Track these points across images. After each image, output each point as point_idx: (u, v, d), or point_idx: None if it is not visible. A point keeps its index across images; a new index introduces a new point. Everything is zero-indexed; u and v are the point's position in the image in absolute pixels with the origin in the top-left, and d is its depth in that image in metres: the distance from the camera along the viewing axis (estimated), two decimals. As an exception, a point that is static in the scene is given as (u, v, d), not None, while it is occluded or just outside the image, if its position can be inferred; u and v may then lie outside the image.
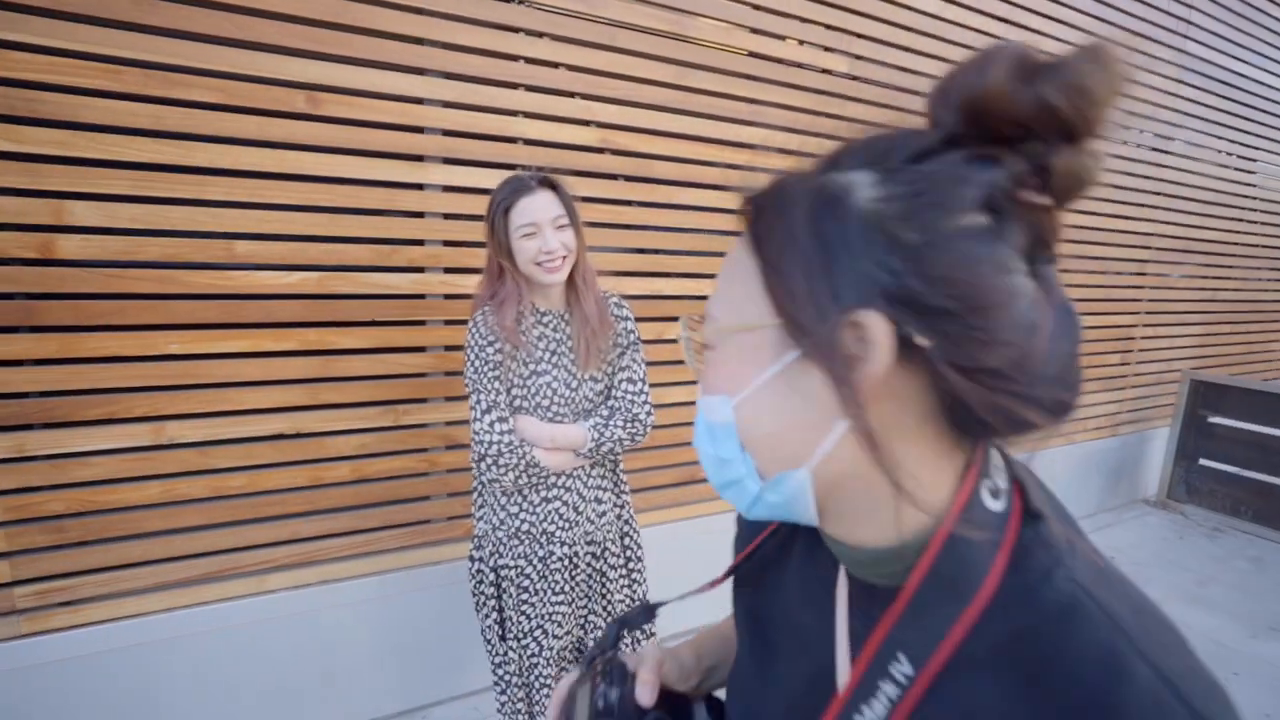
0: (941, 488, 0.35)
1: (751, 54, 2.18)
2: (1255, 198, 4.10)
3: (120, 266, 1.47)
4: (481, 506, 1.35)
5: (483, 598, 1.35)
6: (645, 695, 0.48)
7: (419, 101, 1.70)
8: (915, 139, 0.32)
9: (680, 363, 2.21)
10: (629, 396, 1.35)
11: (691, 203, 2.16)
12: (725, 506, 0.58)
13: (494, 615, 1.34)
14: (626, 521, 1.45)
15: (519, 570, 1.32)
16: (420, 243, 1.76)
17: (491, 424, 1.24)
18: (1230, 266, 4.10)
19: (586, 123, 1.93)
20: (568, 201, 1.26)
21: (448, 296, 1.82)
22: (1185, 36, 3.39)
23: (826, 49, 2.32)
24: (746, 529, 0.54)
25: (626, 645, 0.53)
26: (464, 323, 1.82)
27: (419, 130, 1.71)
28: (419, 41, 1.66)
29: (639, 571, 1.45)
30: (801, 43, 2.26)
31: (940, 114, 0.32)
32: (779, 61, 2.23)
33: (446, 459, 1.87)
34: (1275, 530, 3.44)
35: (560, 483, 1.32)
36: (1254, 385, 3.53)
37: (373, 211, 1.69)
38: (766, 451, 0.36)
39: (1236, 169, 3.92)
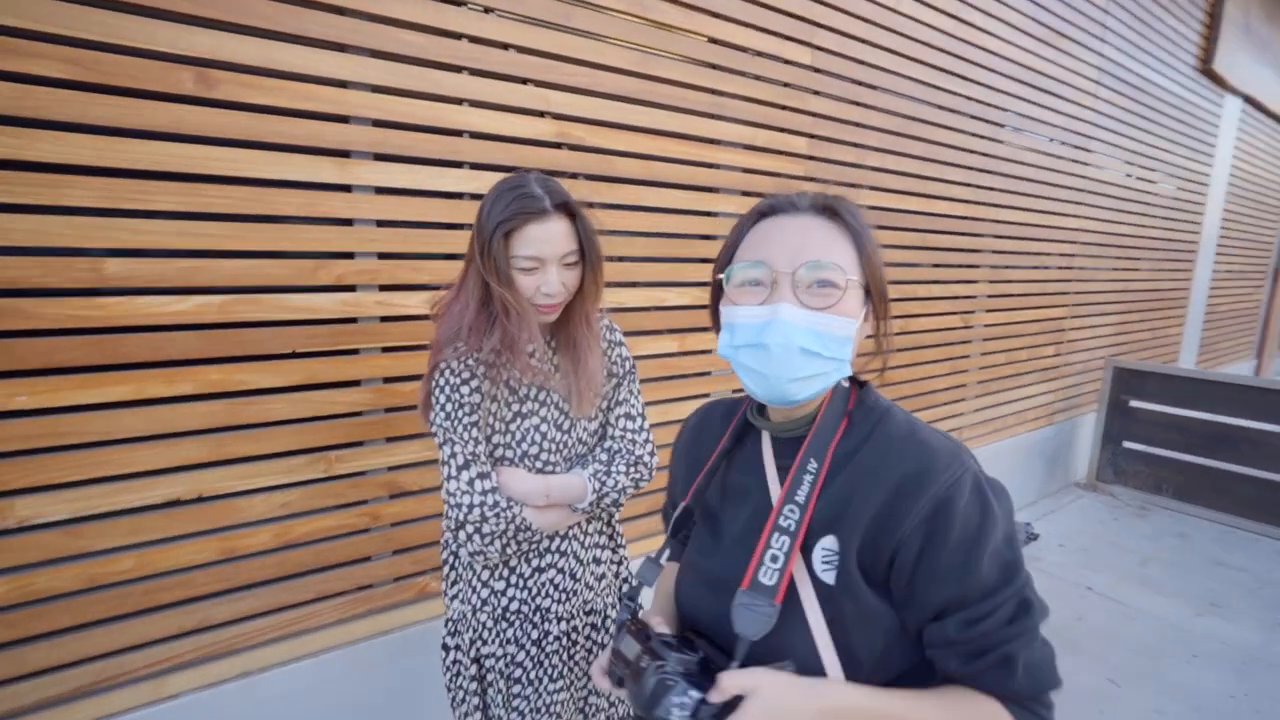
0: None
1: (712, 40, 2.01)
2: (1158, 194, 4.39)
3: (-64, 297, 1.10)
4: (455, 583, 1.10)
5: (461, 694, 1.10)
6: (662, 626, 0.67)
7: (342, 84, 1.40)
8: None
9: (658, 379, 2.01)
10: (629, 435, 1.13)
11: (656, 204, 1.96)
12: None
13: (477, 715, 1.09)
14: (626, 580, 1.23)
15: (509, 659, 1.08)
16: (350, 256, 1.46)
17: (471, 482, 0.99)
18: (1139, 259, 4.36)
19: (541, 113, 1.69)
20: (588, 234, 1.02)
21: (385, 319, 1.53)
22: (1103, 40, 3.54)
23: (787, 38, 2.18)
24: (691, 459, 0.81)
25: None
26: (406, 350, 1.56)
27: (343, 119, 1.42)
28: (339, 11, 1.37)
29: (643, 639, 1.24)
30: (762, 30, 2.11)
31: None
32: (741, 49, 2.07)
33: (391, 510, 1.58)
34: (1195, 505, 3.67)
35: (554, 546, 1.09)
36: (1170, 370, 3.75)
37: (289, 219, 1.38)
38: (852, 355, 0.65)
39: (1143, 168, 4.17)
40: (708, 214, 2.10)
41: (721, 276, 0.66)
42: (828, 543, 0.62)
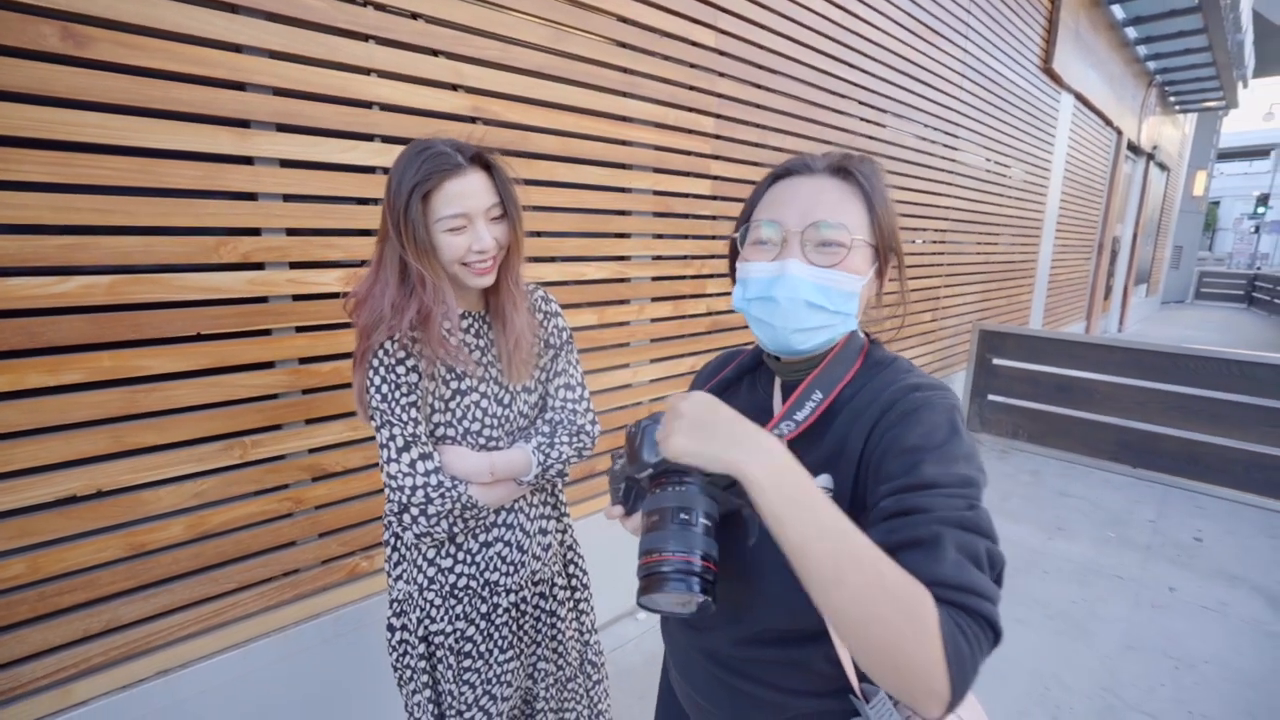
0: None
1: (621, 19, 2.05)
2: (1011, 178, 4.93)
3: None
4: (399, 563, 1.10)
5: (409, 672, 1.11)
6: None
7: (236, 49, 1.32)
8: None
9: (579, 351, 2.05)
10: (569, 405, 1.18)
11: (571, 179, 1.99)
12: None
13: (426, 692, 1.11)
14: (570, 547, 1.29)
15: (458, 634, 1.10)
16: (256, 232, 1.39)
17: (413, 464, 0.99)
18: (998, 235, 4.90)
19: (454, 87, 1.67)
20: (506, 186, 1.01)
21: (297, 298, 1.47)
22: (966, 38, 3.90)
23: (692, 20, 2.26)
24: (703, 380, 0.88)
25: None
26: (322, 329, 1.51)
27: (239, 87, 1.34)
28: (231, -33, 1.28)
29: (586, 600, 1.30)
30: (668, 11, 2.17)
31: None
32: (649, 29, 2.12)
33: (315, 493, 1.54)
34: (1045, 447, 4.23)
35: (501, 520, 1.12)
36: (1023, 331, 4.27)
37: (184, 192, 1.29)
38: (860, 308, 0.69)
39: (999, 154, 4.66)
40: (622, 190, 2.15)
41: (736, 236, 0.71)
42: (822, 481, 0.63)
